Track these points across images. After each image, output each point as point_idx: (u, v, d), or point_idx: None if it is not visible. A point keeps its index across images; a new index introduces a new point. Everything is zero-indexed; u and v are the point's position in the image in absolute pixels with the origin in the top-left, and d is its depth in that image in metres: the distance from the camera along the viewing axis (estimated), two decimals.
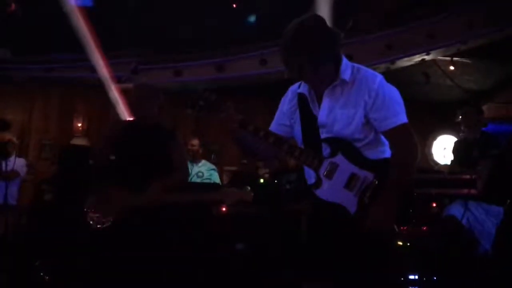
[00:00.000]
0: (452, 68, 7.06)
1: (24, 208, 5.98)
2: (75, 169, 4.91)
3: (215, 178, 5.68)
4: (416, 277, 4.10)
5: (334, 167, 2.19)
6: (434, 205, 4.41)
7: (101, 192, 3.14)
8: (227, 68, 6.82)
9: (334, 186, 2.17)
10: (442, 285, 4.09)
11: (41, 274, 4.76)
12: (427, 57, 6.66)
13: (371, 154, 2.21)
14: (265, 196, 4.74)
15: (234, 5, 7.53)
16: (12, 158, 5.75)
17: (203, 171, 5.63)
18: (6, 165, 5.49)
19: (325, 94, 2.23)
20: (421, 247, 4.19)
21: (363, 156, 2.20)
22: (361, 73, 2.23)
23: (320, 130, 2.24)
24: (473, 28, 6.29)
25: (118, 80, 6.88)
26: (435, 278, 4.10)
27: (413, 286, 4.09)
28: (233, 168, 6.07)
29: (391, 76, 2.26)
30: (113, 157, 3.33)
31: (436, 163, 8.03)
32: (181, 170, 3.33)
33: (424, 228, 4.31)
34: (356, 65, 2.27)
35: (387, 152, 2.26)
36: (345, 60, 2.24)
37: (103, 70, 6.71)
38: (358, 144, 2.20)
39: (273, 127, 2.40)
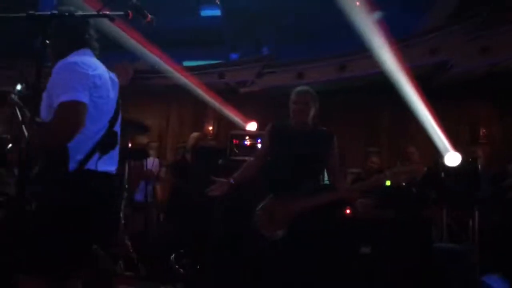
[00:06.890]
0: None
1: (161, 206, 6.53)
2: (207, 168, 5.17)
3: None
4: None
5: None
6: None
7: (266, 205, 3.18)
8: (349, 67, 6.71)
9: None
10: None
11: (176, 266, 5.15)
12: None
13: None
14: (389, 199, 4.56)
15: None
16: (150, 159, 6.34)
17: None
18: (146, 164, 6.07)
19: None
20: None
21: None
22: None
23: None
24: None
25: (243, 84, 7.18)
26: None
27: None
28: (356, 170, 5.95)
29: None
30: (269, 159, 3.36)
31: None
32: (340, 175, 3.52)
33: None
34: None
35: None
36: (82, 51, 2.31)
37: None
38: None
39: None
